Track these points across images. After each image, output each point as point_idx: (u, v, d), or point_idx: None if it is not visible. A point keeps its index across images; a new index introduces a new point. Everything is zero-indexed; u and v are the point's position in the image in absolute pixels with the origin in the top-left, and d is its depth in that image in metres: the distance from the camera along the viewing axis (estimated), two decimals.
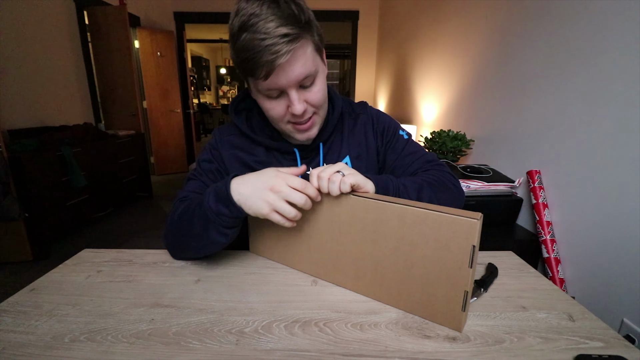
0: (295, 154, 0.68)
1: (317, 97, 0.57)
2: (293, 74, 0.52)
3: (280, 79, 0.51)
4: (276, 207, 0.50)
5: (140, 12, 3.73)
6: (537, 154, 1.35)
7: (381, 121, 0.74)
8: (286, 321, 0.48)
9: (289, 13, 0.48)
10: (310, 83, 0.56)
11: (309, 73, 0.53)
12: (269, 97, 0.56)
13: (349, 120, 0.73)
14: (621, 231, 0.99)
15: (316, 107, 0.58)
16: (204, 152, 0.71)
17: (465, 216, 0.41)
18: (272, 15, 0.47)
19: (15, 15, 2.23)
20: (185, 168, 4.37)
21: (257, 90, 0.57)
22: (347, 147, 0.70)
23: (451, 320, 0.46)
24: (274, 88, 0.53)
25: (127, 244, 2.27)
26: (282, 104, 0.56)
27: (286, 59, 0.48)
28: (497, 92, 1.64)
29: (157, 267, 0.63)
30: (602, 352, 0.41)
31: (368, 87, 4.59)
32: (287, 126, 0.60)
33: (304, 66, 0.52)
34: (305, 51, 0.52)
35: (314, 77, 0.55)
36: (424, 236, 0.45)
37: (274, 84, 0.52)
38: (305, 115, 0.58)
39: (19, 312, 0.49)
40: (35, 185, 1.94)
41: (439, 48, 2.37)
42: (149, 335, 0.44)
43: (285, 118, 0.58)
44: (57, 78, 2.59)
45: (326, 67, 0.62)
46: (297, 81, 0.53)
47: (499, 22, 1.62)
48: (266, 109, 0.58)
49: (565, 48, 1.21)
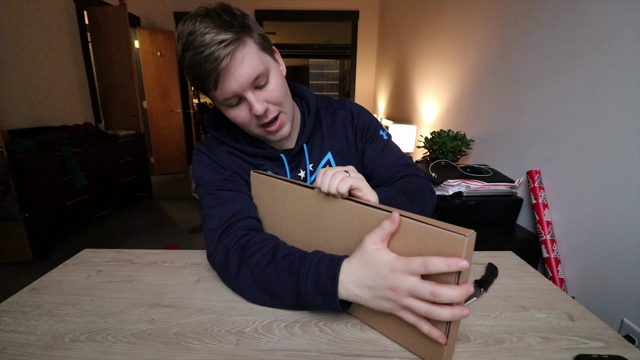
0: (282, 160, 0.68)
1: (275, 95, 0.57)
2: (241, 76, 0.52)
3: (231, 84, 0.52)
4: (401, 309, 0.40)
5: (140, 12, 3.73)
6: (537, 154, 1.35)
7: (361, 118, 0.74)
8: (286, 321, 0.48)
9: (221, 22, 0.49)
10: (265, 82, 0.56)
11: (258, 72, 0.53)
12: (230, 106, 0.56)
13: (326, 116, 0.72)
14: (621, 231, 0.99)
15: (277, 104, 0.58)
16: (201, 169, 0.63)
17: (453, 231, 0.35)
18: (206, 28, 0.49)
19: (15, 15, 2.23)
20: (185, 168, 4.36)
21: (219, 103, 0.57)
22: (329, 143, 0.71)
23: (431, 353, 0.39)
24: (230, 95, 0.53)
25: (127, 244, 2.27)
26: (244, 109, 0.56)
27: (227, 62, 0.49)
28: (497, 92, 1.65)
29: (157, 267, 0.63)
30: (602, 352, 0.41)
31: (368, 87, 4.59)
32: (258, 130, 0.60)
33: (250, 66, 0.52)
34: (247, 51, 0.52)
35: (266, 76, 0.55)
36: (408, 249, 0.39)
37: (226, 91, 0.53)
38: (269, 114, 0.57)
39: (19, 312, 0.49)
40: (35, 185, 1.94)
41: (439, 48, 2.37)
42: (149, 335, 0.44)
43: (252, 122, 0.58)
44: (57, 78, 2.59)
45: (281, 64, 0.62)
46: (248, 82, 0.53)
47: (499, 22, 1.63)
48: (232, 118, 0.58)
49: (566, 48, 1.21)
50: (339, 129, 0.72)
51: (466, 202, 1.33)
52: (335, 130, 0.72)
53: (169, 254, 0.68)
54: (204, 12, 0.51)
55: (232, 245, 0.54)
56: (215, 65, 0.49)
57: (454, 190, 1.35)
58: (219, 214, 0.58)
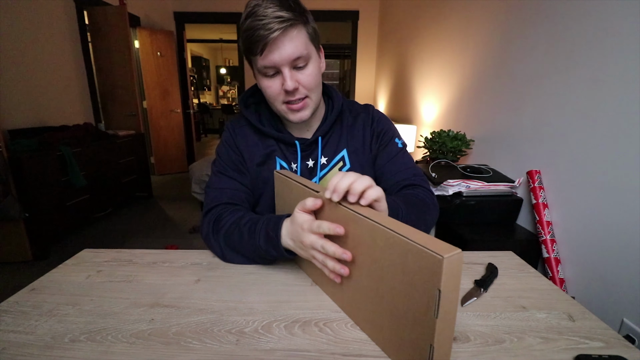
0: (296, 146, 0.72)
1: (308, 80, 0.63)
2: (285, 51, 0.58)
3: (274, 55, 0.58)
4: (310, 257, 0.51)
5: (140, 12, 3.73)
6: (537, 154, 1.35)
7: (380, 124, 0.78)
8: (286, 321, 0.48)
9: (285, 3, 0.57)
10: (303, 65, 0.62)
11: (300, 54, 0.59)
12: (266, 76, 0.62)
13: (348, 117, 0.77)
14: (621, 231, 0.99)
15: (307, 88, 0.64)
16: (221, 146, 0.75)
17: (431, 249, 0.32)
18: (271, 4, 0.56)
19: (15, 15, 2.23)
20: (185, 168, 4.36)
21: (257, 71, 0.63)
22: (345, 142, 0.75)
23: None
24: (270, 65, 0.59)
25: (127, 244, 2.27)
26: (277, 82, 0.62)
27: (277, 35, 0.55)
28: (497, 92, 1.65)
29: (157, 267, 0.63)
30: (602, 352, 0.41)
31: (368, 87, 4.59)
32: (282, 106, 0.66)
33: (295, 47, 0.58)
34: (297, 34, 0.59)
35: (306, 61, 0.61)
36: (393, 264, 0.37)
37: (268, 60, 0.59)
38: (297, 94, 0.63)
39: (19, 312, 0.49)
40: (35, 185, 1.94)
41: (439, 48, 2.37)
42: (149, 335, 0.44)
43: (280, 97, 0.64)
44: (57, 78, 2.59)
45: (323, 61, 0.68)
46: (289, 59, 0.59)
47: (499, 22, 1.63)
48: (264, 88, 0.64)
49: (565, 48, 1.21)
50: (357, 130, 0.76)
51: (466, 202, 1.33)
52: (354, 131, 0.76)
53: (169, 254, 0.68)
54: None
55: (211, 219, 0.66)
56: (267, 33, 0.55)
57: (454, 190, 1.35)
58: (212, 196, 0.70)
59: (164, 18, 4.18)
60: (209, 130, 8.85)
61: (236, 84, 9.84)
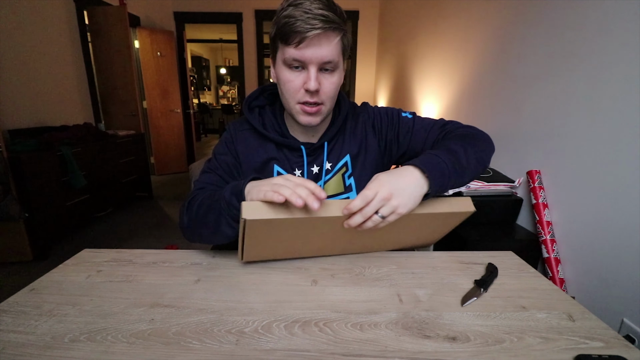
0: (302, 151, 0.71)
1: (330, 88, 0.62)
2: (319, 51, 0.57)
3: (308, 52, 0.57)
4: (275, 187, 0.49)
5: (140, 12, 3.73)
6: (537, 154, 1.35)
7: (381, 115, 0.77)
8: (286, 321, 0.48)
9: (332, 7, 0.57)
10: (330, 71, 0.61)
11: (332, 59, 0.59)
12: (291, 68, 0.60)
13: (351, 121, 0.77)
14: (621, 231, 0.99)
15: (326, 95, 0.63)
16: (219, 146, 0.75)
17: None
18: (318, 1, 0.55)
19: (15, 15, 2.23)
20: (185, 168, 4.36)
21: (282, 61, 0.61)
22: (349, 146, 0.75)
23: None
24: (299, 59, 0.58)
25: (127, 244, 2.27)
26: (299, 78, 0.61)
27: (317, 33, 0.54)
28: (497, 92, 1.64)
29: (157, 267, 0.63)
30: (602, 352, 0.41)
31: (368, 87, 4.59)
32: (296, 106, 0.64)
33: (330, 50, 0.58)
34: (334, 39, 0.58)
35: (334, 67, 0.61)
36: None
37: (301, 54, 0.57)
38: (315, 97, 0.62)
39: (19, 312, 0.49)
40: (35, 185, 1.94)
41: (439, 48, 2.37)
42: (149, 335, 0.44)
43: (297, 95, 0.62)
44: (57, 78, 2.59)
45: (344, 74, 0.68)
46: (322, 60, 0.58)
47: (499, 22, 1.62)
48: (284, 81, 0.62)
49: (565, 48, 1.21)
50: (360, 133, 0.76)
51: None
52: (356, 133, 0.75)
53: (168, 254, 0.68)
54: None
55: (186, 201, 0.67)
56: (308, 28, 0.54)
57: (454, 190, 1.35)
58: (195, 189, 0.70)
59: (164, 18, 4.18)
60: (209, 130, 8.84)
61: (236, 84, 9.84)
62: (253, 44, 4.33)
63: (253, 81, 4.45)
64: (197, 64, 8.83)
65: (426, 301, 0.53)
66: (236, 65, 8.63)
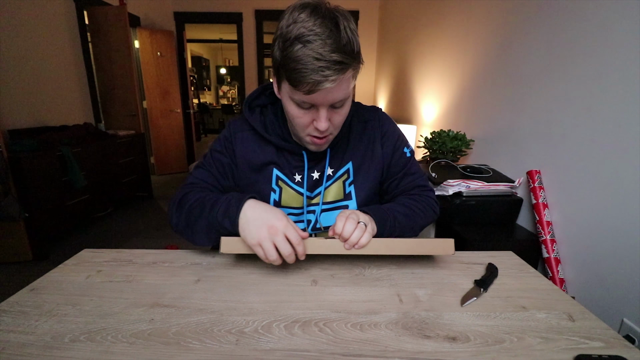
0: (303, 156, 0.70)
1: (340, 120, 0.61)
2: (332, 97, 0.54)
3: (319, 98, 0.54)
4: (263, 244, 0.53)
5: (140, 12, 3.73)
6: (537, 154, 1.35)
7: (390, 134, 0.76)
8: (286, 321, 0.48)
9: (346, 41, 0.50)
10: (341, 105, 0.58)
11: (343, 97, 0.56)
12: (299, 107, 0.57)
13: (357, 125, 0.74)
14: (621, 231, 0.99)
15: (336, 127, 0.62)
16: (217, 143, 0.73)
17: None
18: (330, 39, 0.49)
19: (15, 15, 2.23)
20: (185, 168, 4.36)
21: (290, 98, 0.57)
22: (350, 155, 0.73)
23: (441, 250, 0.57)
24: (309, 101, 0.55)
25: (127, 244, 2.27)
26: (309, 116, 0.58)
27: (329, 85, 0.50)
28: (497, 92, 1.64)
29: (157, 267, 0.63)
30: (602, 352, 0.41)
31: (368, 87, 4.59)
32: (306, 137, 0.63)
33: (341, 92, 0.55)
34: (346, 78, 0.54)
35: (344, 101, 0.58)
36: None
37: (311, 99, 0.54)
38: (325, 132, 0.60)
39: (19, 312, 0.49)
40: (35, 185, 1.94)
41: (439, 48, 2.37)
42: (149, 335, 0.44)
43: (307, 130, 0.61)
44: (57, 78, 2.59)
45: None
46: (332, 102, 0.56)
47: (499, 22, 1.62)
48: (293, 116, 0.60)
49: (565, 48, 1.21)
50: (366, 140, 0.74)
51: (466, 202, 1.33)
52: (362, 141, 0.74)
53: (168, 254, 0.68)
54: (330, 14, 0.51)
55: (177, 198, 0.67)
56: (321, 79, 0.50)
57: (454, 190, 1.35)
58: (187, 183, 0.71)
59: (164, 18, 4.18)
60: (209, 130, 8.85)
61: (236, 84, 9.84)
62: (253, 44, 4.33)
63: (253, 81, 4.45)
64: (197, 64, 8.83)
65: (426, 301, 0.53)
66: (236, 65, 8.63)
